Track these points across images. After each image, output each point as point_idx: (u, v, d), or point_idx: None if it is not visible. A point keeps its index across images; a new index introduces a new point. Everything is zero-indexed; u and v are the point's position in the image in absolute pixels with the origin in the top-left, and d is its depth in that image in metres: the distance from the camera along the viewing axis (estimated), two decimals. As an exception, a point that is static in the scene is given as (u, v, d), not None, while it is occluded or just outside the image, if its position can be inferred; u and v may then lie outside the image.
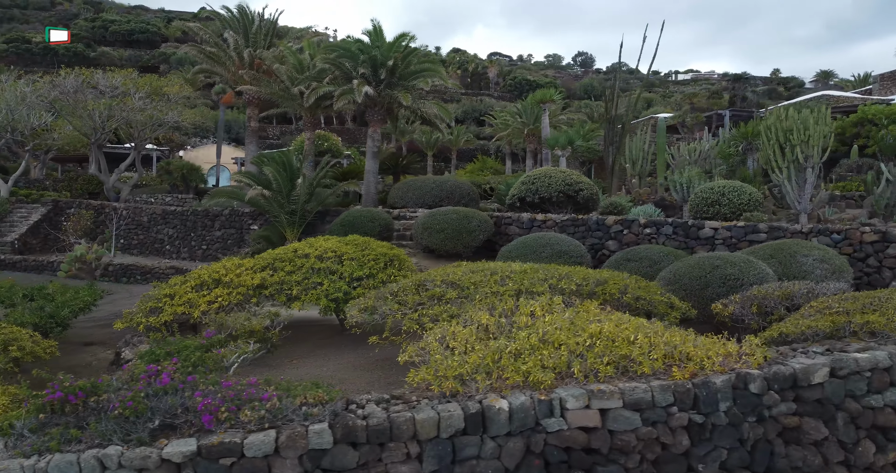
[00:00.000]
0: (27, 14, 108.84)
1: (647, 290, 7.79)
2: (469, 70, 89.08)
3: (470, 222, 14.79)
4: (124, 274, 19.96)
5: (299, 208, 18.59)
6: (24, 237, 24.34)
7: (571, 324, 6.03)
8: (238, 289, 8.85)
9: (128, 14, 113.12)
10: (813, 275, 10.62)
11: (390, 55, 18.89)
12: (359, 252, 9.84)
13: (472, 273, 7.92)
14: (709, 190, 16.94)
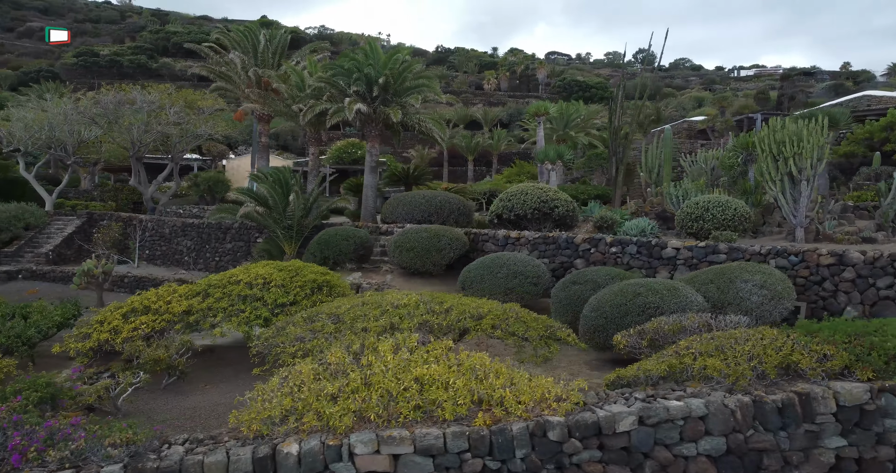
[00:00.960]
0: (98, 28, 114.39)
1: (528, 323, 7.89)
2: (517, 72, 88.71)
3: (440, 240, 15.02)
4: (138, 285, 21.01)
5: (295, 223, 19.19)
6: (58, 249, 25.89)
7: (407, 365, 6.25)
8: (164, 316, 9.38)
9: (191, 25, 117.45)
10: (749, 301, 10.45)
11: (383, 72, 19.28)
12: (288, 278, 10.24)
13: (362, 306, 8.20)
14: (693, 205, 16.70)
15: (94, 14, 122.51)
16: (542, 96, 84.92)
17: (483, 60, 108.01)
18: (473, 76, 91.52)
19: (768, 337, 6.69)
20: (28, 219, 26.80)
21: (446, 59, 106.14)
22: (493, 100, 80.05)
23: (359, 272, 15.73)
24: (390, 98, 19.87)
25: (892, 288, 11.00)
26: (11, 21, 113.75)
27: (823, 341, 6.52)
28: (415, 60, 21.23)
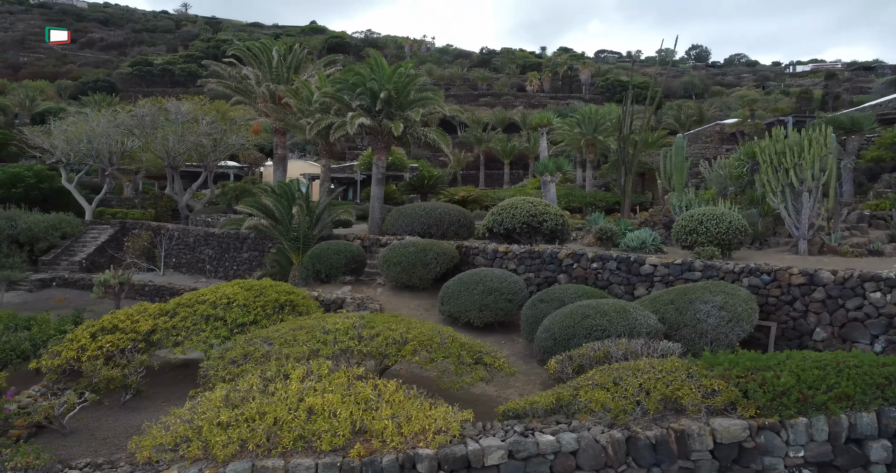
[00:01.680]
0: (154, 37, 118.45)
1: (451, 349, 8.08)
2: (560, 73, 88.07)
3: (426, 255, 15.29)
4: (157, 294, 21.94)
5: (301, 235, 19.73)
6: (91, 257, 27.19)
7: (305, 394, 6.56)
8: (129, 335, 9.94)
9: (241, 32, 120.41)
10: (706, 323, 10.41)
11: (385, 87, 19.65)
12: (251, 298, 10.68)
13: (298, 330, 8.54)
14: (688, 217, 16.53)
15: (151, 24, 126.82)
16: (584, 97, 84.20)
17: (528, 60, 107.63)
18: (516, 78, 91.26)
19: (667, 369, 6.74)
20: (65, 228, 28.21)
21: (490, 60, 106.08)
22: (534, 101, 79.74)
23: (349, 286, 16.14)
24: (394, 111, 20.22)
25: (861, 309, 10.77)
26: (74, 32, 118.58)
27: (718, 375, 6.54)
28: (418, 74, 21.54)
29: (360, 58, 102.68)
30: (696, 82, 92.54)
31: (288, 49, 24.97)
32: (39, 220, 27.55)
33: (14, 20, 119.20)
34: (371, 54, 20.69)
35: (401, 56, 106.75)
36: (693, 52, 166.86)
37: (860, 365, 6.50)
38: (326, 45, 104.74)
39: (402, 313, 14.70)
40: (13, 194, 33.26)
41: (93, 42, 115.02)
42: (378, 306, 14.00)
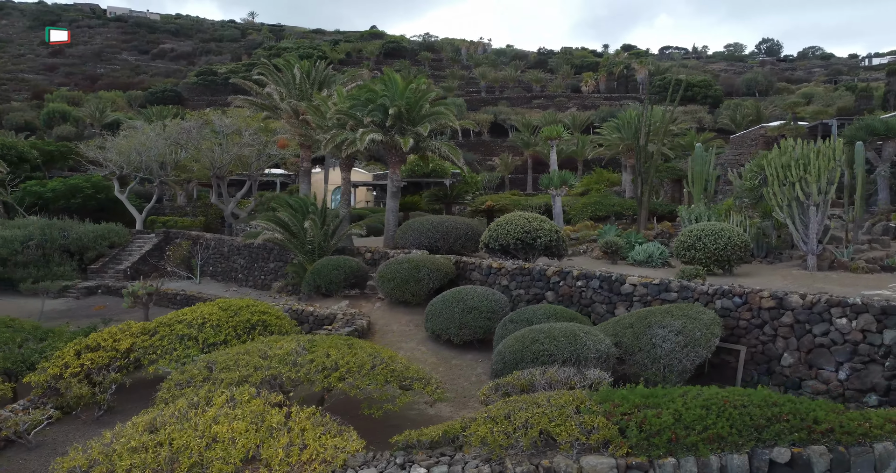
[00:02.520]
0: (221, 46, 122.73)
1: (377, 377, 8.43)
2: (615, 73, 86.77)
3: (419, 271, 15.65)
4: (186, 302, 23.03)
5: (316, 248, 20.43)
6: (135, 265, 28.73)
7: (215, 421, 7.06)
8: (109, 353, 10.72)
9: (303, 39, 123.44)
10: (660, 348, 10.43)
11: (396, 103, 20.12)
12: (226, 318, 11.32)
13: (241, 355, 9.07)
14: (688, 233, 16.43)
15: (219, 33, 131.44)
16: (640, 97, 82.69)
17: (586, 60, 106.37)
18: (570, 79, 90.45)
19: (560, 404, 6.92)
20: (112, 238, 29.88)
21: (546, 61, 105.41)
22: (587, 103, 78.90)
23: (347, 301, 16.68)
24: (405, 127, 20.66)
25: (827, 335, 10.55)
26: (147, 44, 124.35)
27: (603, 412, 6.68)
28: (430, 89, 21.88)
29: (417, 62, 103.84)
30: (760, 79, 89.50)
31: (312, 65, 25.71)
32: (89, 230, 29.27)
33: (93, 34, 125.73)
34: (385, 71, 21.20)
35: (456, 59, 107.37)
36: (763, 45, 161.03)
37: (747, 405, 6.51)
38: (383, 50, 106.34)
39: (392, 329, 15.17)
40: (72, 203, 35.45)
41: (164, 53, 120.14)
42: (365, 322, 14.47)
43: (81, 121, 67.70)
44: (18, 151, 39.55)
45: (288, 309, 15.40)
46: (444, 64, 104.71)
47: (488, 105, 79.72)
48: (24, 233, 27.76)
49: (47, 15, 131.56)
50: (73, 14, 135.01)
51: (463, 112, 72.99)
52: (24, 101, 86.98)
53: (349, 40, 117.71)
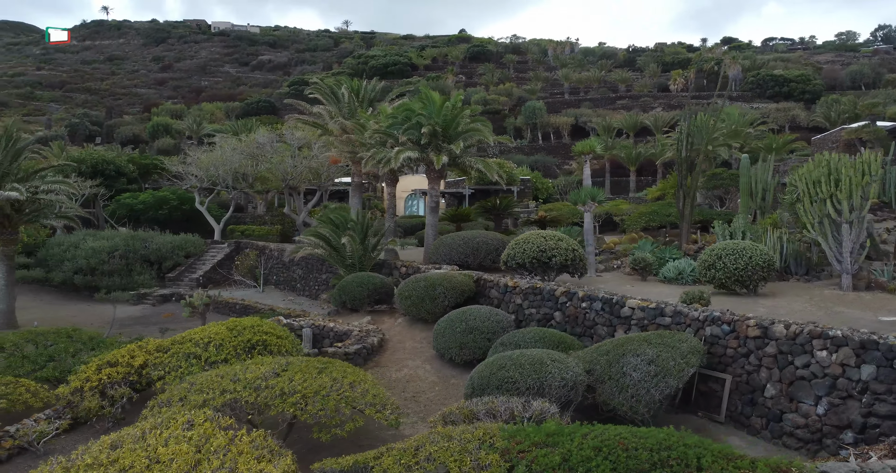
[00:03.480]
0: (315, 56, 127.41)
1: (328, 403, 9.01)
2: (705, 70, 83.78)
3: (435, 289, 16.14)
4: (244, 311, 24.53)
5: (356, 262, 21.33)
6: (207, 274, 30.73)
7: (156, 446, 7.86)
8: (124, 368, 11.88)
9: (392, 45, 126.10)
10: (630, 377, 10.49)
11: (431, 121, 20.70)
12: (230, 338, 12.26)
13: (218, 378, 9.89)
14: (709, 252, 16.16)
15: (313, 43, 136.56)
16: (731, 95, 79.51)
17: (679, 56, 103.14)
18: (657, 78, 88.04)
19: (471, 438, 7.27)
20: (188, 248, 32.08)
21: (634, 60, 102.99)
22: (673, 102, 76.65)
23: (369, 317, 17.41)
24: (441, 144, 21.20)
25: (808, 368, 10.26)
26: (247, 56, 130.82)
27: (500, 449, 6.98)
28: (465, 106, 22.31)
29: (501, 65, 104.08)
30: (866, 71, 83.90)
31: (361, 84, 26.71)
32: (168, 241, 31.57)
33: (198, 49, 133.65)
34: (421, 89, 21.81)
35: (541, 61, 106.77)
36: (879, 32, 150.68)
37: (639, 447, 6.58)
38: (468, 54, 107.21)
39: (405, 346, 15.77)
40: (160, 214, 38.19)
41: (262, 64, 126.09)
42: (376, 340, 15.14)
43: (181, 133, 72.37)
44: (116, 165, 42.84)
45: (310, 325, 16.29)
46: (528, 66, 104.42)
47: (570, 107, 78.95)
48: (111, 244, 30.28)
49: (158, 32, 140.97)
50: (182, 30, 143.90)
51: (542, 115, 72.86)
52: (136, 114, 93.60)
53: (435, 46, 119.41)
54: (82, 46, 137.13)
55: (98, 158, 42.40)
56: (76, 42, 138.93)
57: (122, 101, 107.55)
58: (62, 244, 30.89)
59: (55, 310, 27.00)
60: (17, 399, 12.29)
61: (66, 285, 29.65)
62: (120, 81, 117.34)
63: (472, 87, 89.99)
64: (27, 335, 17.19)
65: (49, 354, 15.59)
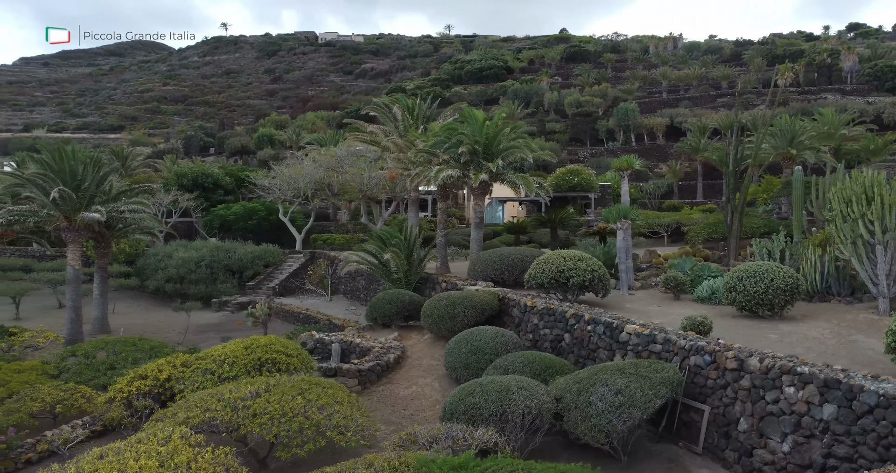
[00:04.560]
0: (415, 62, 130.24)
1: (293, 425, 9.84)
2: (815, 62, 78.85)
3: (455, 308, 16.70)
4: (305, 320, 26.06)
5: (402, 276, 22.25)
6: (283, 283, 32.69)
7: (143, 456, 8.98)
8: (151, 381, 13.30)
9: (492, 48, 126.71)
10: (593, 407, 10.69)
11: (468, 141, 21.27)
12: (242, 356, 13.42)
13: (207, 397, 10.96)
14: (731, 274, 15.86)
15: (414, 49, 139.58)
16: (845, 88, 74.57)
17: (792, 48, 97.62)
18: (763, 72, 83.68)
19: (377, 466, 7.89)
20: (268, 258, 34.21)
21: (740, 55, 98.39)
22: (778, 99, 72.59)
23: (397, 333, 18.22)
24: (481, 162, 21.71)
25: (778, 403, 10.09)
26: (351, 65, 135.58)
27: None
28: (505, 123, 22.66)
29: (599, 65, 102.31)
30: None
31: (415, 103, 27.59)
32: (249, 251, 33.82)
33: (306, 60, 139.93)
34: (464, 109, 22.41)
35: (641, 59, 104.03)
36: None
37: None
38: (565, 55, 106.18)
39: (422, 363, 16.47)
40: (249, 225, 40.85)
41: (365, 72, 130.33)
42: (393, 357, 15.92)
43: (283, 143, 76.30)
44: (214, 178, 46.11)
45: (339, 340, 17.31)
46: (627, 65, 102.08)
47: (667, 107, 76.68)
48: (199, 255, 32.84)
49: (270, 46, 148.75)
50: (292, 43, 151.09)
51: (635, 116, 71.28)
52: (247, 125, 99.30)
53: (532, 47, 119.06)
54: (202, 62, 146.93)
55: (198, 171, 45.79)
56: (197, 58, 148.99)
57: (235, 112, 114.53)
58: (157, 254, 33.78)
59: (146, 316, 29.70)
60: (72, 404, 14.04)
61: (158, 293, 32.47)
62: (235, 94, 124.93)
63: (566, 88, 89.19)
64: (99, 344, 19.32)
65: (110, 362, 17.49)
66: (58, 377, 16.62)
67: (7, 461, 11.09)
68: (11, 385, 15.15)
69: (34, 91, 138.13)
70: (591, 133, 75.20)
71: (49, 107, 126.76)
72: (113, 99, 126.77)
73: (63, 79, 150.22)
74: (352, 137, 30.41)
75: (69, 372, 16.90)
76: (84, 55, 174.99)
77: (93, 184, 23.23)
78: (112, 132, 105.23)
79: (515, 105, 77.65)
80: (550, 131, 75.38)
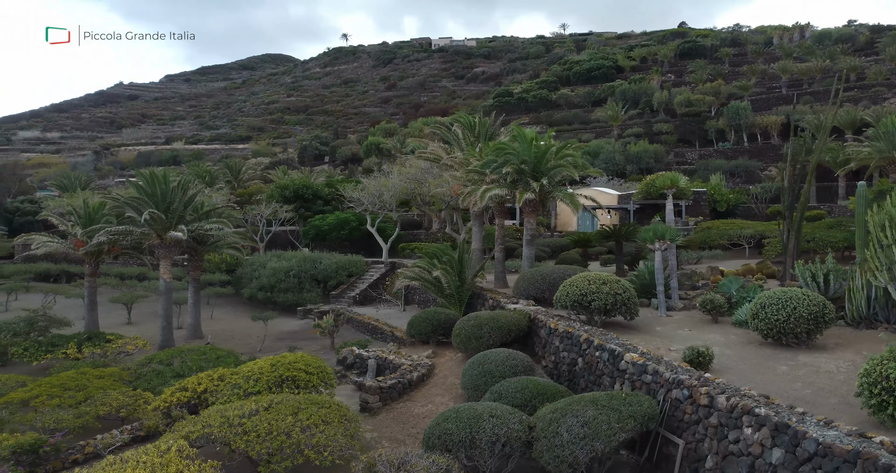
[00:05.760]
0: (525, 64, 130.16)
1: (275, 443, 10.92)
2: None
3: (481, 329, 17.27)
4: (372, 331, 27.42)
5: (454, 292, 23.06)
6: (363, 292, 34.37)
7: (141, 466, 10.41)
8: (189, 393, 14.94)
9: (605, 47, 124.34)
10: (559, 437, 11.02)
11: (514, 162, 21.73)
12: (267, 373, 14.76)
13: (214, 413, 12.29)
14: (757, 299, 15.53)
15: (525, 51, 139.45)
16: None
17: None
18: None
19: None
20: (351, 268, 36.05)
21: (873, 43, 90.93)
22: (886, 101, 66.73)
23: (430, 351, 19.03)
24: (529, 181, 22.09)
25: (738, 443, 10.02)
26: (462, 69, 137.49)
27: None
28: (553, 143, 22.85)
29: (715, 60, 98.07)
30: None
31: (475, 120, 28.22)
32: (334, 262, 35.81)
33: (419, 66, 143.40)
34: (514, 129, 22.87)
35: (761, 52, 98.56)
36: None
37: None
38: (679, 51, 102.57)
39: (446, 381, 17.22)
40: (342, 234, 43.10)
41: (476, 76, 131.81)
42: (415, 375, 16.76)
43: (389, 151, 79.03)
44: (313, 189, 48.91)
45: (376, 356, 18.41)
46: (746, 59, 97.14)
47: (785, 103, 72.50)
48: (288, 265, 35.22)
49: (386, 54, 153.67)
50: (406, 50, 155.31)
51: (747, 115, 68.02)
52: (359, 133, 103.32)
53: (646, 44, 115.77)
54: (324, 72, 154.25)
55: (299, 183, 48.74)
56: (319, 69, 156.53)
57: (352, 120, 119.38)
58: (253, 264, 36.55)
59: (236, 322, 32.30)
60: (134, 409, 15.99)
61: (252, 300, 35.13)
62: (351, 102, 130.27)
63: (678, 86, 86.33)
64: (175, 352, 21.54)
65: (176, 371, 19.52)
66: (132, 383, 18.81)
67: (56, 461, 12.96)
68: (89, 390, 17.36)
69: (176, 106, 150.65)
70: (700, 134, 72.39)
71: (188, 120, 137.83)
72: (243, 111, 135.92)
73: (201, 93, 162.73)
74: (415, 156, 31.49)
75: (141, 379, 19.04)
76: (220, 70, 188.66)
77: (181, 205, 25.72)
78: (241, 143, 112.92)
79: (619, 107, 76.18)
80: (657, 133, 73.31)
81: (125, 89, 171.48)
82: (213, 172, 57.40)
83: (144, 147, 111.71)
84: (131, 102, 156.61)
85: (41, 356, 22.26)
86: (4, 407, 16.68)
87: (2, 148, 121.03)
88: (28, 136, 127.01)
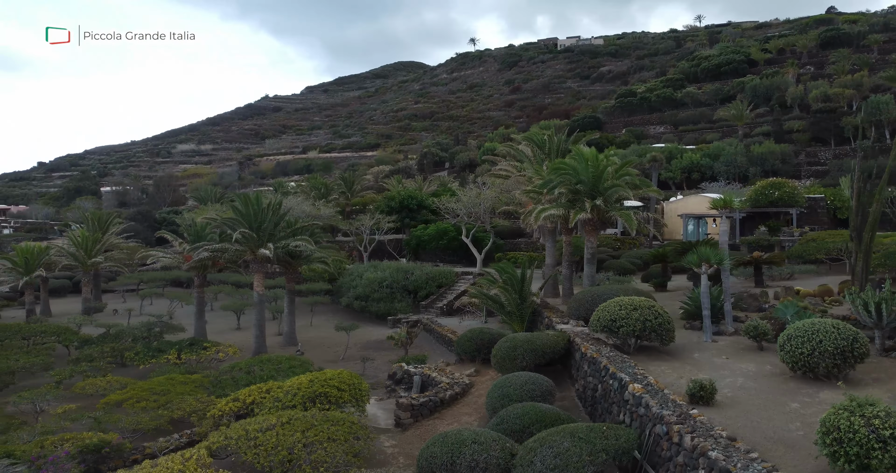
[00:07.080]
0: (654, 61, 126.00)
1: (278, 456, 12.20)
2: None
3: (515, 351, 17.78)
4: (443, 340, 28.39)
5: (514, 309, 23.64)
6: (450, 303, 35.47)
7: (165, 470, 12.10)
8: (239, 404, 16.71)
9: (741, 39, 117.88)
10: (533, 467, 11.51)
11: (571, 181, 21.95)
12: (303, 388, 16.21)
13: (237, 426, 13.79)
14: (785, 332, 15.04)
15: (654, 47, 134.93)
16: None
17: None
18: None
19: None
20: (441, 279, 37.29)
21: None
22: None
23: (473, 369, 19.72)
24: (584, 200, 22.22)
25: (696, 485, 10.08)
26: (588, 69, 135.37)
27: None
28: (613, 161, 22.73)
29: (860, 49, 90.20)
30: None
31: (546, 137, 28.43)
32: (424, 273, 37.22)
33: (544, 68, 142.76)
34: (574, 149, 23.05)
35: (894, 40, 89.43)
36: None
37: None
38: (820, 41, 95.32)
39: (479, 401, 17.90)
40: (441, 244, 44.57)
41: (602, 76, 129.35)
42: (448, 394, 17.58)
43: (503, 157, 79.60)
44: (418, 200, 50.73)
45: (421, 373, 19.43)
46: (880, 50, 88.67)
47: (938, 95, 65.69)
48: (382, 276, 37.05)
49: (511, 57, 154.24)
50: (532, 52, 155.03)
51: (889, 110, 62.43)
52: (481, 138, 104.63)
53: (784, 34, 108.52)
54: (450, 78, 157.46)
55: (405, 194, 50.76)
56: (446, 75, 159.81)
57: (476, 124, 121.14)
58: (352, 274, 38.74)
59: (330, 330, 34.44)
60: (203, 414, 18.04)
61: (348, 309, 37.29)
62: (476, 107, 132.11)
63: (816, 80, 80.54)
64: (254, 361, 23.66)
65: (249, 379, 21.51)
66: (211, 390, 21.01)
67: (118, 459, 15.06)
68: (171, 395, 19.66)
69: (313, 116, 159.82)
70: (835, 131, 67.19)
71: (324, 129, 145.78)
72: (373, 119, 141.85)
73: (337, 103, 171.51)
74: (487, 174, 32.15)
75: (218, 385, 21.21)
76: (355, 80, 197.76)
77: (270, 224, 28.07)
78: (369, 150, 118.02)
79: (744, 105, 72.40)
80: (787, 131, 68.89)
81: (270, 102, 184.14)
82: (328, 184, 60.89)
83: (283, 157, 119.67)
84: (275, 114, 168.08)
85: (148, 360, 25.19)
86: (103, 407, 19.28)
87: (163, 160, 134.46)
88: (185, 148, 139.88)
